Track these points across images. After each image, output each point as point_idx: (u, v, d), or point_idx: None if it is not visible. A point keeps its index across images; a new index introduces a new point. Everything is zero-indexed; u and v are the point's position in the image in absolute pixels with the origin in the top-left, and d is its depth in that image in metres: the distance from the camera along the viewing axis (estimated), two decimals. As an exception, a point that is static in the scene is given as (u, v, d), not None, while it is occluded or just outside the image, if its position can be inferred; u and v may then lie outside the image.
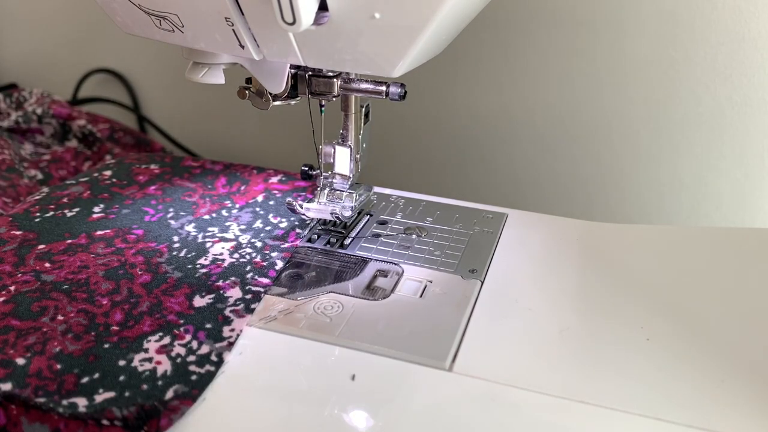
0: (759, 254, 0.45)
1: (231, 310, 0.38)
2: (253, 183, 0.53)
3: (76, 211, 0.48)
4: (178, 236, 0.45)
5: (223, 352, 0.35)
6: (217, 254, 0.43)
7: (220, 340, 0.36)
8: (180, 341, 0.36)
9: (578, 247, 0.46)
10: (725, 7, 0.58)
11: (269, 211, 0.49)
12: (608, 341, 0.37)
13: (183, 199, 0.50)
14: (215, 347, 0.36)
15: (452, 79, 0.69)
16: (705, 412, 0.32)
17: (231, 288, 0.40)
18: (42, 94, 0.76)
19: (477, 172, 0.73)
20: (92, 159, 0.73)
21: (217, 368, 0.34)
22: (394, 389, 0.33)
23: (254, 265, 0.42)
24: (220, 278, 0.41)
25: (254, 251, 0.44)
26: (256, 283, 0.41)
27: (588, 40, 0.63)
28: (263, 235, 0.46)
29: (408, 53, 0.34)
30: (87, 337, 0.36)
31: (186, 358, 0.35)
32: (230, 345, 0.36)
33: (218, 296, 0.39)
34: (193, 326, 0.37)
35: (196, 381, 0.34)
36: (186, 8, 0.36)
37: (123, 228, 0.46)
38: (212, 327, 0.37)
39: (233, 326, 0.37)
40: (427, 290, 0.41)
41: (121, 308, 0.38)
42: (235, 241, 0.45)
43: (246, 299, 0.39)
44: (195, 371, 0.34)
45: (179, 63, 0.42)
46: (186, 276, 0.41)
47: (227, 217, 0.48)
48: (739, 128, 0.62)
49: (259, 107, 0.44)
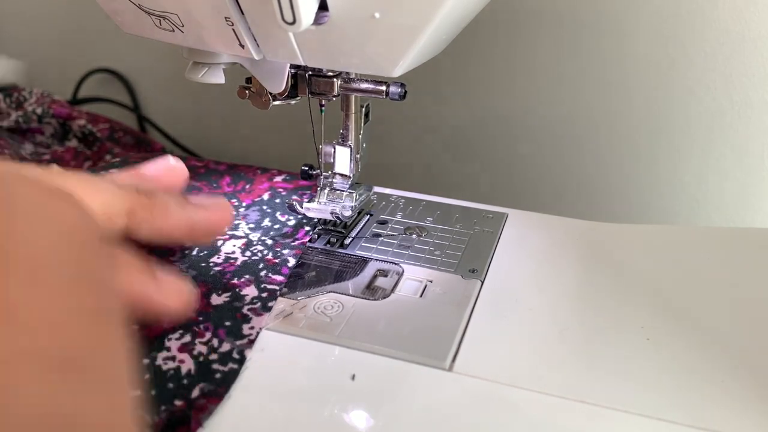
0: (759, 254, 0.45)
1: (249, 308, 0.39)
2: (257, 182, 0.53)
3: None
4: None
5: (245, 350, 0.36)
6: (229, 252, 0.43)
7: (240, 338, 0.36)
8: (201, 339, 0.36)
9: (578, 247, 0.46)
10: (725, 7, 0.58)
11: (276, 209, 0.49)
12: (608, 341, 0.37)
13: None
14: (236, 345, 0.36)
15: (452, 79, 0.69)
16: (705, 412, 0.32)
17: (246, 286, 0.40)
18: (42, 94, 0.76)
19: (477, 172, 0.73)
20: (92, 159, 0.73)
21: (240, 366, 0.35)
22: (394, 389, 0.33)
23: (267, 263, 0.43)
24: (235, 276, 0.41)
25: (265, 249, 0.44)
26: (271, 281, 0.41)
27: (588, 39, 0.63)
28: (273, 233, 0.46)
29: (408, 53, 0.34)
30: None
31: (208, 356, 0.35)
32: (251, 342, 0.36)
33: (235, 294, 0.40)
34: (213, 324, 0.37)
35: (221, 379, 0.34)
36: (186, 8, 0.36)
37: None
38: (231, 325, 0.37)
39: (252, 324, 0.37)
40: (427, 290, 0.41)
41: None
42: (245, 239, 0.45)
43: (262, 297, 0.40)
44: (219, 369, 0.34)
45: (179, 63, 0.42)
46: (201, 274, 0.41)
47: (235, 215, 0.48)
48: (739, 128, 0.62)
49: (259, 107, 0.44)
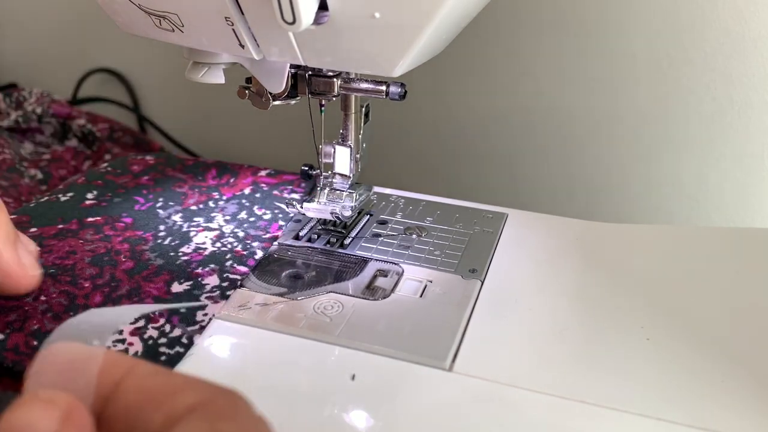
0: (759, 254, 0.45)
1: (207, 296, 0.39)
2: (242, 176, 0.53)
3: (69, 196, 0.49)
4: (165, 225, 0.46)
5: (194, 335, 0.36)
6: (200, 243, 0.44)
7: (192, 324, 0.37)
8: (154, 324, 0.36)
9: (578, 247, 0.46)
10: (725, 7, 0.58)
11: (255, 203, 0.49)
12: (608, 341, 0.37)
13: (173, 189, 0.51)
14: (187, 330, 0.36)
15: (452, 79, 0.69)
16: (705, 412, 0.32)
17: (209, 275, 0.41)
18: (42, 94, 0.76)
19: (477, 172, 0.73)
20: (92, 158, 0.73)
21: (186, 350, 0.35)
22: (394, 389, 0.33)
23: (234, 254, 0.43)
24: (200, 266, 0.42)
25: (236, 241, 0.45)
26: (234, 271, 0.41)
27: (588, 39, 0.63)
28: (246, 225, 0.46)
29: (408, 53, 0.34)
30: (65, 316, 0.37)
31: (158, 340, 0.36)
32: (202, 329, 0.36)
33: (196, 283, 0.40)
34: (168, 311, 0.38)
35: (165, 362, 0.34)
36: (186, 8, 0.36)
37: (113, 216, 0.47)
38: (186, 312, 0.38)
39: (206, 311, 0.38)
40: (427, 290, 0.41)
41: (101, 291, 0.39)
42: (218, 231, 0.46)
43: (222, 286, 0.40)
44: (164, 352, 0.35)
45: (179, 63, 0.42)
46: (167, 263, 0.42)
47: (213, 207, 0.49)
48: (739, 128, 0.61)
49: (259, 107, 0.44)
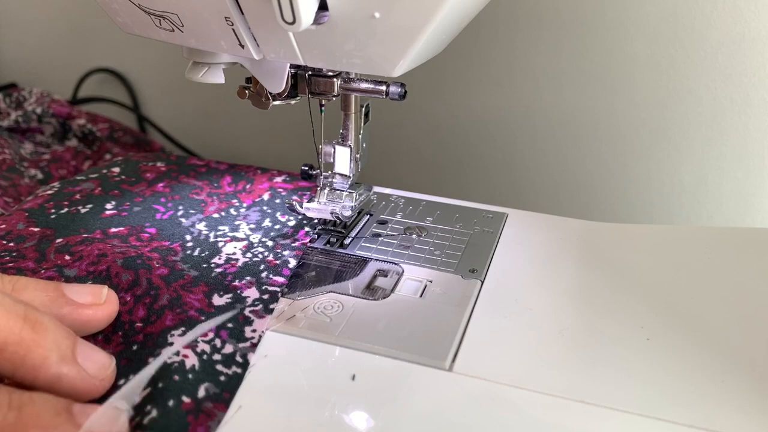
0: (759, 254, 0.45)
1: (251, 310, 0.38)
2: (258, 182, 0.53)
3: (89, 207, 0.48)
4: (190, 235, 0.45)
5: (247, 353, 0.35)
6: (230, 254, 0.43)
7: (242, 341, 0.36)
8: (203, 338, 0.36)
9: (578, 247, 0.46)
10: (725, 7, 0.58)
11: (276, 210, 0.49)
12: (608, 341, 0.37)
13: (191, 197, 0.50)
14: (239, 347, 0.36)
15: (452, 79, 0.69)
16: (705, 412, 0.32)
17: (247, 288, 0.40)
18: (42, 94, 0.76)
19: (477, 172, 0.73)
20: (92, 158, 0.73)
21: (244, 371, 0.34)
22: (394, 389, 0.33)
23: (268, 264, 0.42)
24: (236, 278, 0.41)
25: (266, 250, 0.44)
26: (272, 283, 0.41)
27: (588, 39, 0.63)
28: (273, 233, 0.46)
29: (408, 53, 0.34)
30: (115, 338, 0.36)
31: (212, 356, 0.35)
32: (253, 346, 0.36)
33: (236, 296, 0.39)
34: (216, 326, 0.37)
35: (225, 383, 0.33)
36: (186, 8, 0.36)
37: (136, 226, 0.46)
38: (234, 327, 0.37)
39: (254, 327, 0.37)
40: (427, 290, 0.41)
41: (143, 303, 0.38)
42: (246, 241, 0.45)
43: (264, 299, 0.39)
44: (222, 371, 0.34)
45: (179, 63, 0.42)
46: (202, 275, 0.41)
47: (236, 216, 0.48)
48: (739, 128, 0.62)
49: (259, 107, 0.44)
